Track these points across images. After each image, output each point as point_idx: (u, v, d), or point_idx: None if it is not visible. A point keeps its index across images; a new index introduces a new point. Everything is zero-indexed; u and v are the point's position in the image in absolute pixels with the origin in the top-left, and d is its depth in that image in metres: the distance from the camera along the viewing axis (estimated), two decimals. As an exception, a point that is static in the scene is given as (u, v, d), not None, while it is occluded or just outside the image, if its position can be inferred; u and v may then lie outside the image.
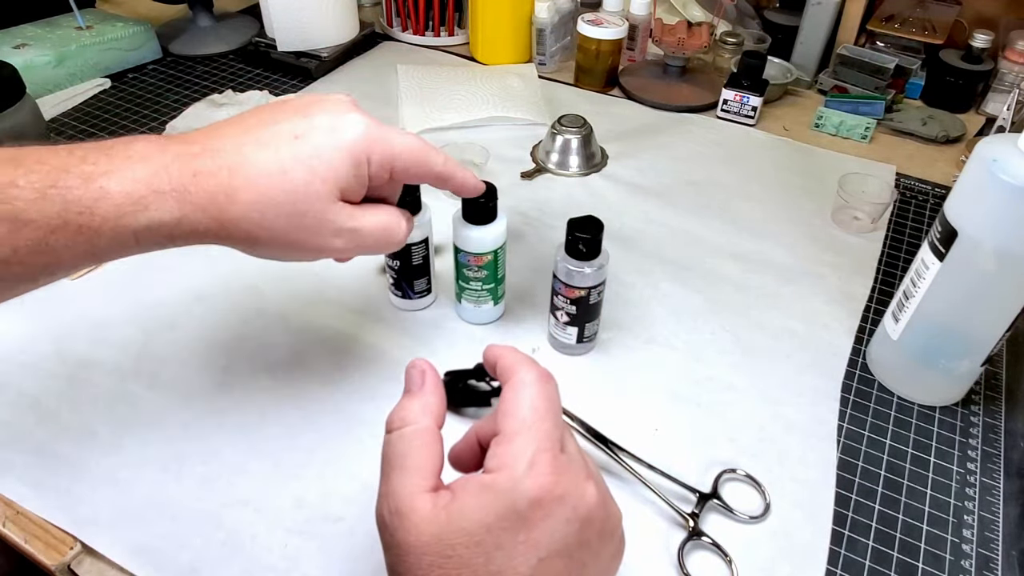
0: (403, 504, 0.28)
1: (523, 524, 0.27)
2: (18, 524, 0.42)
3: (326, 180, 0.35)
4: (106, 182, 0.32)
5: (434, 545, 0.28)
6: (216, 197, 0.34)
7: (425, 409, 0.31)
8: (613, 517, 0.31)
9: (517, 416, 0.30)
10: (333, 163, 0.35)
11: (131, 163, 0.33)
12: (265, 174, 0.34)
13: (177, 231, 0.34)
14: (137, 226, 0.33)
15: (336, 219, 0.36)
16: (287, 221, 0.35)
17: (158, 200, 0.33)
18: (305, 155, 0.35)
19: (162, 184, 0.33)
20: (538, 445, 0.29)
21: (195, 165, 0.34)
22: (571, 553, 0.28)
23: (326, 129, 0.36)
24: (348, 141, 0.36)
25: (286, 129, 0.35)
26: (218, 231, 0.35)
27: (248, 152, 0.35)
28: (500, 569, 0.27)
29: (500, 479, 0.28)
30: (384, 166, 0.37)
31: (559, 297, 0.50)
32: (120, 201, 0.32)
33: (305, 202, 0.35)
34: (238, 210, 0.34)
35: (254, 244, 0.36)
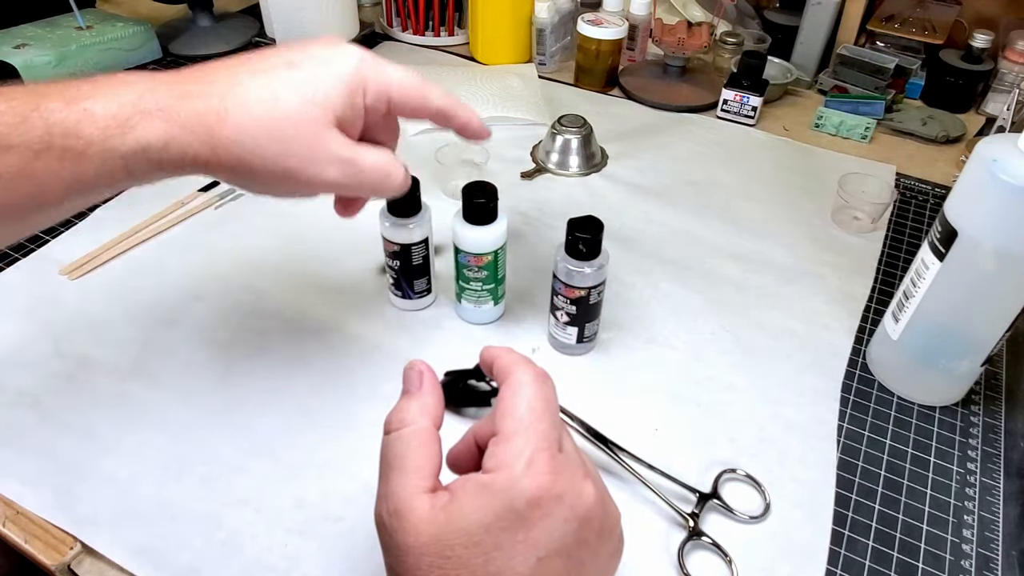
0: (402, 505, 0.29)
1: (522, 524, 0.28)
2: (18, 524, 0.42)
3: (321, 106, 0.34)
4: (90, 104, 0.32)
5: (433, 546, 0.28)
6: (206, 118, 0.33)
7: (423, 410, 0.31)
8: (612, 516, 0.31)
9: (514, 416, 0.30)
10: (328, 90, 0.35)
11: (115, 87, 0.32)
12: (258, 99, 0.34)
13: (166, 155, 0.33)
14: (124, 149, 0.32)
15: (331, 146, 0.35)
16: (281, 146, 0.34)
17: (144, 120, 0.32)
18: (299, 82, 0.34)
19: (148, 104, 0.32)
20: (536, 445, 0.29)
21: (184, 88, 0.33)
22: (570, 552, 0.28)
23: (321, 59, 0.35)
24: (343, 70, 0.35)
25: (280, 60, 0.35)
26: (209, 156, 0.34)
27: (241, 78, 0.34)
28: (499, 569, 0.27)
29: (498, 479, 0.28)
30: (380, 97, 0.37)
31: (559, 297, 0.50)
32: (105, 123, 0.32)
33: (299, 127, 0.34)
34: (230, 133, 0.33)
35: (247, 172, 0.35)
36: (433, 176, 0.70)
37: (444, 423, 0.32)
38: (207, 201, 0.68)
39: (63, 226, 0.64)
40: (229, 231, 0.64)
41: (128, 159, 0.32)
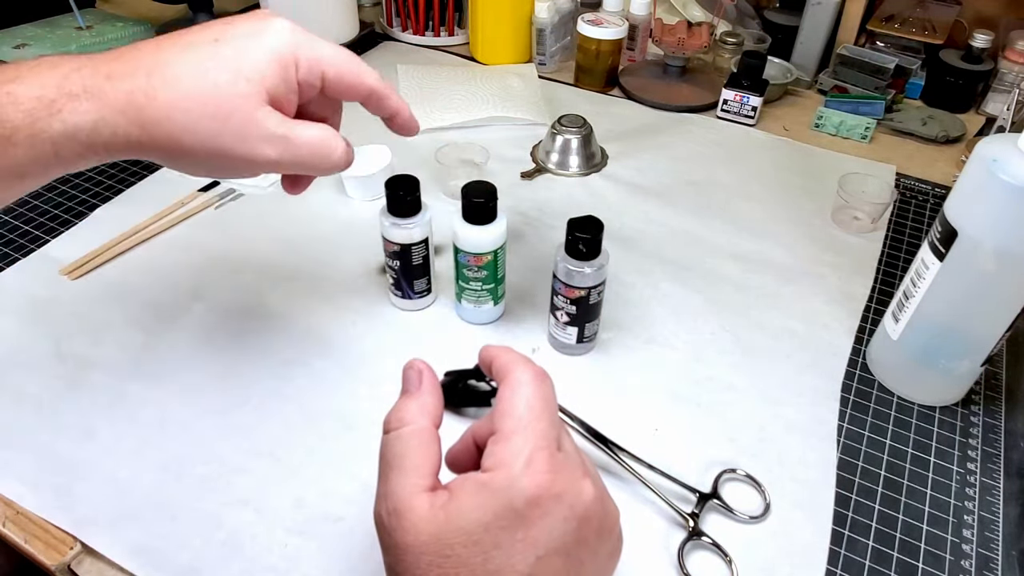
0: (401, 504, 0.28)
1: (521, 522, 0.27)
2: (18, 524, 0.42)
3: (251, 80, 0.33)
4: (13, 88, 0.31)
5: (432, 545, 0.28)
6: (134, 96, 0.32)
7: (422, 409, 0.31)
8: (611, 515, 0.31)
9: (513, 415, 0.30)
10: (258, 64, 0.34)
11: (39, 70, 0.32)
12: (186, 75, 0.33)
13: (96, 137, 0.32)
14: (53, 132, 0.31)
15: (265, 122, 0.34)
16: (212, 123, 0.33)
17: (72, 103, 0.32)
18: (228, 57, 0.33)
19: (74, 86, 0.32)
20: (535, 444, 0.29)
21: (110, 68, 0.32)
22: (569, 551, 0.28)
23: (248, 33, 0.34)
24: (273, 43, 0.34)
25: (207, 35, 0.34)
26: (140, 136, 0.33)
27: (167, 55, 0.33)
28: (498, 568, 0.27)
29: (497, 478, 0.28)
30: (313, 71, 0.35)
31: (559, 297, 0.50)
32: (30, 106, 0.31)
33: (231, 102, 0.33)
34: (159, 111, 0.32)
35: (180, 151, 0.34)
36: (433, 176, 0.70)
37: (444, 423, 0.32)
38: (207, 201, 0.68)
39: (63, 226, 0.64)
40: (229, 231, 0.64)
41: (57, 143, 0.32)
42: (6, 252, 0.61)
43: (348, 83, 0.37)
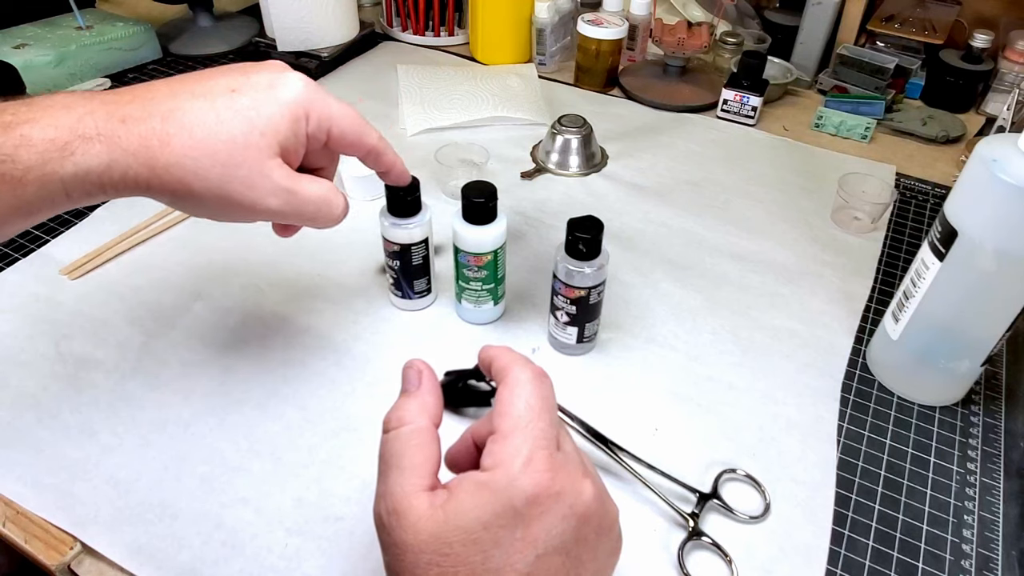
0: (400, 503, 0.28)
1: (520, 521, 0.28)
2: (18, 524, 0.42)
3: (264, 133, 0.34)
4: (27, 130, 0.31)
5: (431, 543, 0.28)
6: (148, 141, 0.33)
7: (422, 409, 0.31)
8: (610, 514, 0.31)
9: (512, 415, 0.30)
10: (272, 117, 0.35)
11: (53, 111, 0.32)
12: (200, 122, 0.33)
13: (107, 178, 0.33)
14: (64, 173, 0.32)
15: (273, 175, 0.35)
16: (223, 171, 0.34)
17: (84, 145, 0.32)
18: (242, 107, 0.34)
19: (88, 129, 0.32)
20: (534, 443, 0.29)
21: (124, 111, 0.33)
22: (568, 550, 0.28)
23: (264, 85, 0.35)
24: (287, 97, 0.35)
25: (222, 83, 0.35)
26: (150, 179, 0.33)
27: (182, 101, 0.34)
28: (498, 567, 0.27)
29: (496, 476, 0.28)
30: (322, 127, 0.37)
31: (559, 297, 0.50)
32: (43, 148, 0.31)
33: (242, 153, 0.34)
34: (172, 156, 0.33)
35: (188, 195, 0.35)
36: (433, 176, 0.71)
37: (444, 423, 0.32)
38: (207, 201, 0.68)
39: (63, 226, 0.64)
40: (229, 231, 0.64)
41: (68, 183, 0.32)
42: (6, 252, 0.61)
43: (351, 141, 0.39)
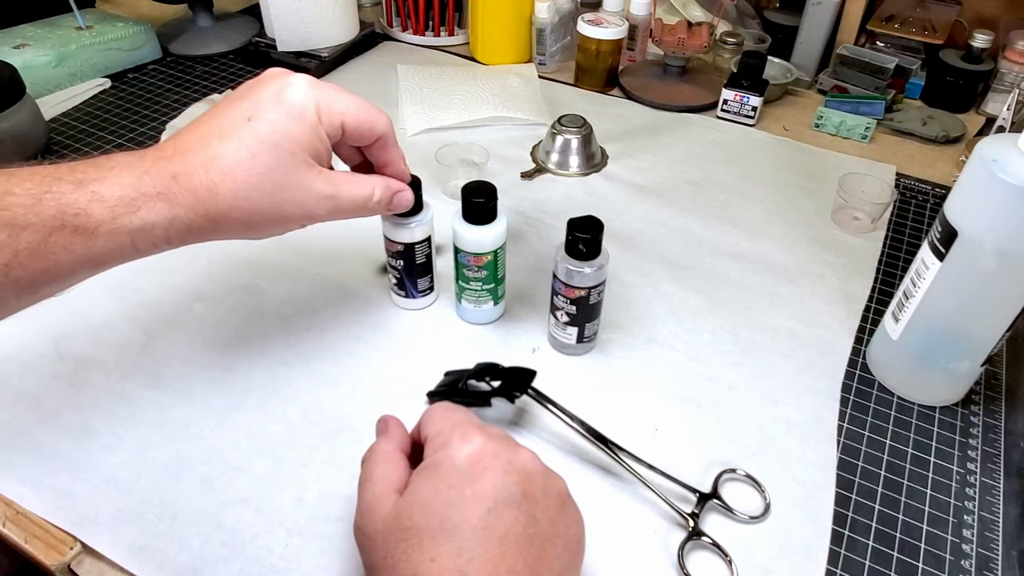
0: (371, 504, 0.33)
1: (466, 480, 0.31)
2: (18, 524, 0.42)
3: (293, 152, 0.37)
4: (97, 187, 0.34)
5: (394, 523, 0.31)
6: (199, 194, 0.35)
7: (388, 440, 0.37)
8: (556, 479, 0.35)
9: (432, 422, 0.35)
10: (291, 132, 0.37)
11: (116, 171, 0.35)
12: (237, 163, 0.36)
13: (172, 231, 0.36)
14: (132, 227, 0.35)
15: (315, 187, 0.38)
16: (273, 200, 0.37)
17: (147, 203, 0.35)
18: (265, 134, 0.36)
19: (148, 188, 0.35)
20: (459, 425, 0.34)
21: (172, 168, 0.36)
22: (518, 504, 0.31)
23: (272, 101, 0.37)
24: (296, 105, 0.37)
25: (239, 115, 0.37)
26: (212, 227, 0.36)
27: (214, 146, 0.36)
28: (456, 525, 0.30)
29: (439, 455, 0.33)
30: (334, 124, 0.39)
31: (559, 297, 0.50)
32: (113, 203, 0.34)
33: (283, 178, 0.37)
34: (224, 202, 0.36)
35: (247, 229, 0.38)
36: (433, 176, 0.70)
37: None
38: (207, 201, 0.68)
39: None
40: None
41: (135, 236, 0.35)
42: (6, 252, 0.61)
43: (363, 131, 0.41)
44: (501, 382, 0.47)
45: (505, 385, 0.47)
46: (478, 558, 0.29)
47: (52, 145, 0.76)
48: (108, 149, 0.76)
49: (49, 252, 0.33)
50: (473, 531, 0.30)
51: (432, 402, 0.48)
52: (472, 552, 0.29)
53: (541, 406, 0.46)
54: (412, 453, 0.37)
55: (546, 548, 0.31)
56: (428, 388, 0.49)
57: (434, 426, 0.35)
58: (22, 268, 0.33)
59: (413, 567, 0.30)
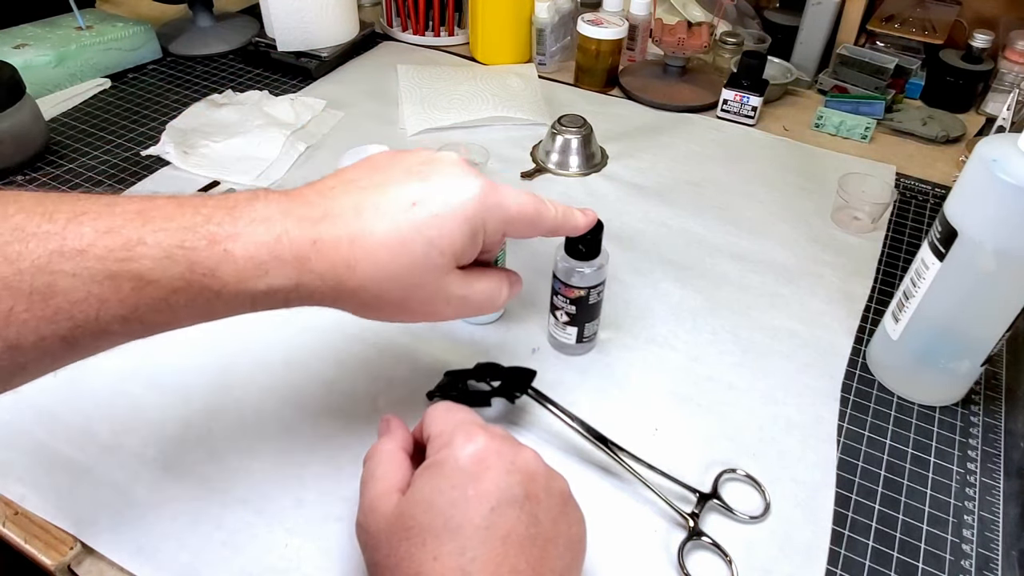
0: (374, 503, 0.33)
1: (469, 479, 0.31)
2: (18, 524, 0.42)
3: (444, 252, 0.34)
4: (230, 245, 0.31)
5: (397, 522, 0.31)
6: (336, 267, 0.33)
7: (390, 439, 0.37)
8: (558, 479, 0.35)
9: (433, 424, 0.35)
10: (452, 233, 0.34)
11: (254, 225, 0.32)
12: (385, 245, 0.33)
13: (293, 296, 0.34)
14: (256, 291, 0.32)
15: (448, 289, 0.36)
16: (403, 292, 0.35)
17: (279, 267, 0.32)
18: (423, 224, 0.34)
19: (283, 252, 0.32)
20: (462, 425, 0.34)
21: (316, 232, 0.33)
22: (521, 504, 0.31)
23: (443, 196, 0.34)
24: (466, 209, 0.34)
25: (404, 196, 0.34)
26: (333, 298, 0.34)
27: (367, 220, 0.33)
28: (459, 524, 0.30)
29: (442, 455, 0.33)
30: (499, 231, 0.37)
31: (559, 297, 0.50)
32: (242, 266, 0.32)
33: (423, 274, 0.34)
34: (357, 282, 0.34)
35: (365, 310, 0.36)
36: (433, 176, 0.70)
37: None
38: (207, 201, 0.68)
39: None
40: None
41: (256, 299, 0.33)
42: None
43: (528, 232, 0.39)
44: (501, 382, 0.47)
45: (505, 385, 0.47)
46: (481, 557, 0.29)
47: (52, 145, 0.76)
48: (108, 149, 0.76)
49: (169, 308, 0.31)
50: (476, 530, 0.30)
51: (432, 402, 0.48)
52: (475, 551, 0.30)
53: (541, 406, 0.46)
54: (414, 452, 0.37)
55: (548, 548, 0.31)
56: (428, 388, 0.49)
57: (437, 425, 0.35)
58: (140, 322, 0.31)
59: (416, 566, 0.30)
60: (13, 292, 0.28)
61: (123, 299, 0.30)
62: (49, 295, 0.28)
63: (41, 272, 0.28)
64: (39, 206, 0.29)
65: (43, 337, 0.29)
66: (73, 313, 0.29)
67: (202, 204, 0.32)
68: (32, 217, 0.29)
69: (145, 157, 0.75)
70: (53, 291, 0.28)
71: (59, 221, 0.29)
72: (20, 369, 0.30)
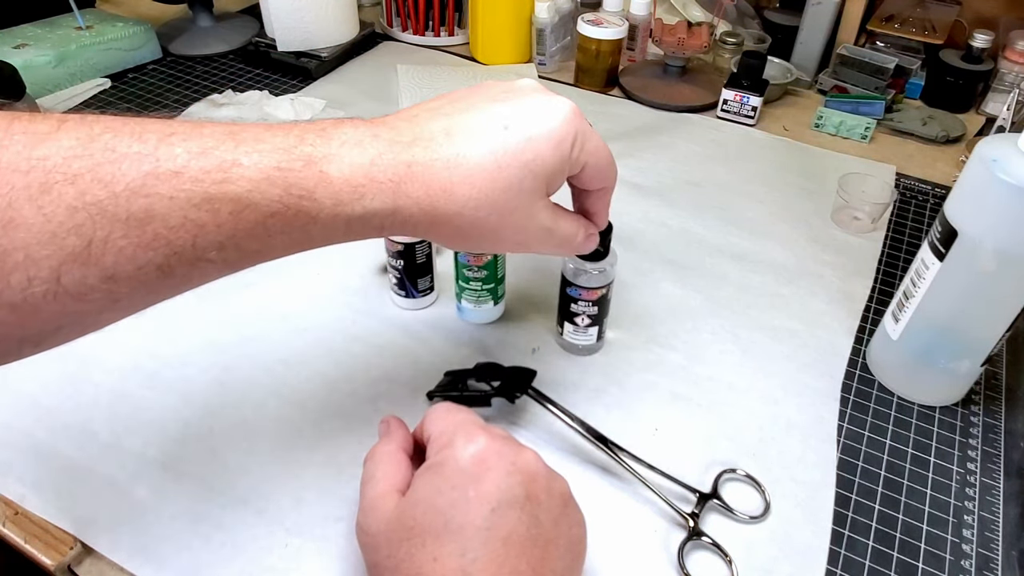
0: (374, 503, 0.33)
1: (470, 480, 0.31)
2: (18, 524, 0.42)
3: (537, 176, 0.34)
4: (327, 166, 0.30)
5: (398, 523, 0.31)
6: (432, 191, 0.32)
7: (390, 440, 0.37)
8: (559, 479, 0.35)
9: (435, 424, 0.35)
10: (544, 156, 0.33)
11: (347, 148, 0.31)
12: (480, 169, 0.32)
13: (389, 221, 0.32)
14: (351, 215, 0.31)
15: (540, 216, 0.36)
16: (499, 219, 0.34)
17: (375, 189, 0.31)
18: (519, 149, 0.33)
19: (379, 174, 0.31)
20: (462, 425, 0.34)
21: (411, 154, 0.32)
22: (521, 505, 0.31)
23: (535, 119, 0.34)
24: (558, 132, 0.34)
25: (494, 118, 0.33)
26: (428, 224, 0.33)
27: (460, 143, 0.33)
28: (460, 525, 0.30)
29: (442, 455, 0.33)
30: (580, 161, 0.36)
31: (580, 303, 0.50)
32: (339, 188, 0.30)
33: (518, 198, 0.34)
34: (454, 206, 0.32)
35: (460, 238, 0.35)
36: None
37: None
38: (207, 201, 0.68)
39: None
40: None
41: (352, 223, 0.32)
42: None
43: (598, 178, 0.38)
44: (501, 382, 0.47)
45: (505, 385, 0.47)
46: (482, 558, 0.29)
47: (52, 145, 0.76)
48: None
49: (266, 234, 0.30)
50: (477, 531, 0.30)
51: (432, 402, 0.48)
52: (476, 552, 0.30)
53: (541, 406, 0.46)
54: (414, 453, 0.37)
55: (549, 549, 0.31)
56: (428, 388, 0.49)
57: (437, 426, 0.35)
58: (236, 249, 0.29)
59: (416, 567, 0.30)
60: (109, 218, 0.26)
61: (221, 224, 0.28)
62: (146, 220, 0.26)
63: (136, 195, 0.26)
64: (126, 126, 0.27)
65: (140, 266, 0.27)
66: (171, 239, 0.27)
67: (290, 128, 0.31)
68: (121, 137, 0.27)
69: (145, 157, 0.74)
70: (151, 216, 0.26)
71: (150, 141, 0.27)
72: (113, 303, 0.28)
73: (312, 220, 0.30)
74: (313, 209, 0.30)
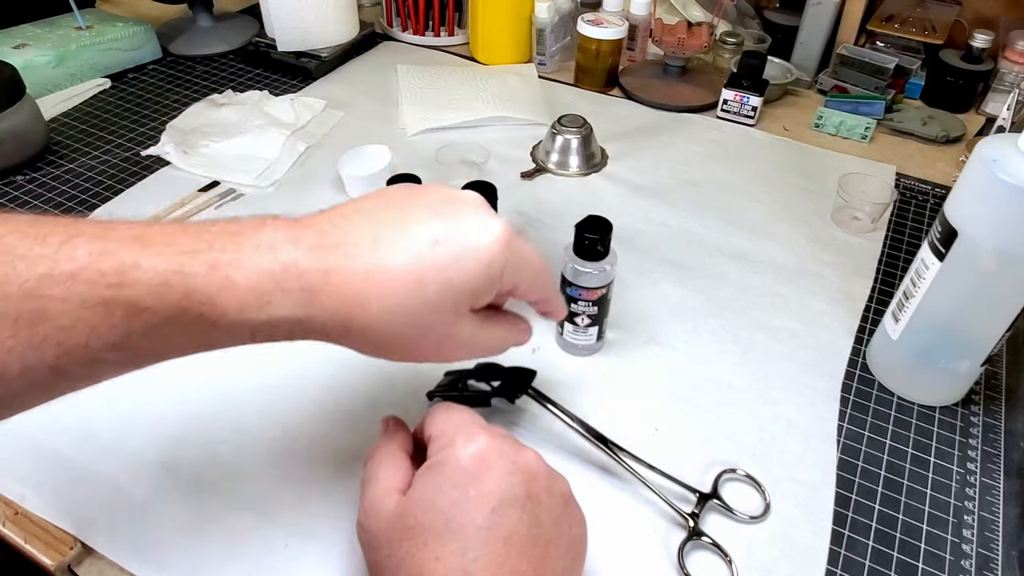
0: (375, 503, 0.33)
1: (471, 479, 0.31)
2: (18, 524, 0.42)
3: (461, 293, 0.32)
4: (232, 272, 0.29)
5: (398, 522, 0.31)
6: (347, 299, 0.31)
7: (390, 439, 0.37)
8: (559, 479, 0.35)
9: (436, 423, 0.35)
10: (472, 277, 0.32)
11: (260, 252, 0.30)
12: (402, 283, 0.31)
13: (298, 329, 0.31)
14: (256, 321, 0.30)
15: (461, 333, 0.34)
16: (415, 332, 0.33)
17: (283, 297, 0.30)
18: (444, 265, 0.32)
19: (290, 282, 0.30)
20: (463, 424, 0.34)
21: (330, 263, 0.31)
22: (522, 504, 0.31)
23: (467, 238, 0.33)
24: (489, 254, 0.33)
25: (426, 233, 0.32)
26: (340, 334, 0.32)
27: (384, 254, 0.31)
28: (460, 525, 0.30)
29: (443, 455, 0.33)
30: (510, 283, 0.35)
31: (580, 303, 0.50)
32: (244, 294, 0.29)
33: (436, 313, 0.32)
34: (368, 319, 0.31)
35: (373, 348, 0.34)
36: (433, 176, 0.70)
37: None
38: (207, 201, 0.68)
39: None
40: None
41: (257, 330, 0.31)
42: (6, 252, 0.61)
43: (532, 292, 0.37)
44: (501, 382, 0.47)
45: (505, 385, 0.47)
46: (483, 558, 0.30)
47: (52, 145, 0.76)
48: (108, 149, 0.76)
49: (163, 336, 0.29)
50: (477, 531, 0.30)
51: (432, 402, 0.48)
52: (477, 552, 0.30)
53: (541, 406, 0.46)
54: (415, 453, 0.37)
55: (549, 549, 0.32)
56: (428, 388, 0.49)
57: (438, 425, 0.35)
58: (132, 349, 0.29)
59: (417, 566, 0.30)
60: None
61: (114, 326, 0.28)
62: (37, 321, 0.26)
63: (29, 297, 0.26)
64: (32, 228, 0.27)
65: (29, 367, 0.27)
66: (61, 340, 0.27)
67: (205, 230, 0.30)
68: (24, 238, 0.27)
69: (145, 157, 0.75)
70: (41, 317, 0.26)
71: (52, 243, 0.27)
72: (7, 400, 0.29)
73: (213, 325, 0.30)
74: (214, 315, 0.29)
